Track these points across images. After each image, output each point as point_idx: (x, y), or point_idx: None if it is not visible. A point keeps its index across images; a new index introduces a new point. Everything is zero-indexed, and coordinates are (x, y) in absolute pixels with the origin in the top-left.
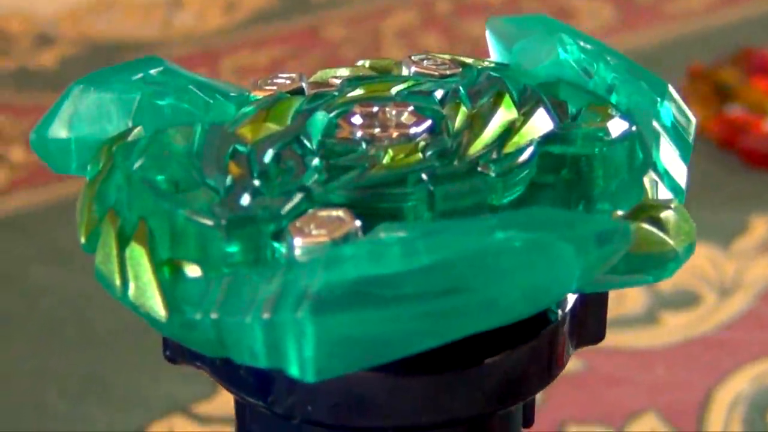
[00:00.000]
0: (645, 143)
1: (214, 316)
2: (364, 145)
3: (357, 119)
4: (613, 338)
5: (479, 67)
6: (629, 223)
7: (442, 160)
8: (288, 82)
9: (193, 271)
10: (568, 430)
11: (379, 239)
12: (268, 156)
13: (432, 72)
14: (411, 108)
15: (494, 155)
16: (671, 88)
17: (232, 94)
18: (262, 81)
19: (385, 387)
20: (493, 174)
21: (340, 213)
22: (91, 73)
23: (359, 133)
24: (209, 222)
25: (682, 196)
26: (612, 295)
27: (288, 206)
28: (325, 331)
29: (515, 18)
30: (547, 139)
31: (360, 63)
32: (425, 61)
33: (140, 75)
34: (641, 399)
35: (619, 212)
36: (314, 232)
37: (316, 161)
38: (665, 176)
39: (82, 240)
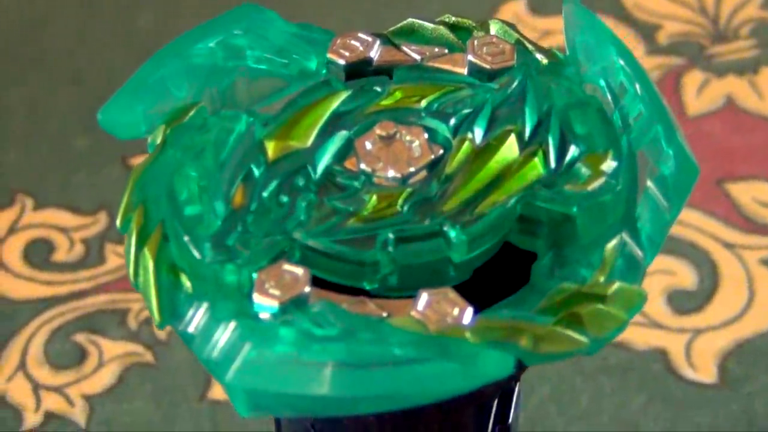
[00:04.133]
0: (631, 201)
1: (191, 330)
2: (362, 180)
3: (370, 144)
4: None
5: (532, 63)
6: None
7: (415, 216)
8: (361, 48)
9: (187, 284)
10: None
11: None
12: (268, 191)
13: (485, 65)
14: (425, 137)
15: (466, 217)
16: (681, 137)
17: (310, 51)
18: (341, 42)
19: None
20: (455, 241)
21: (300, 272)
22: (174, 40)
23: (362, 165)
24: (197, 255)
25: (653, 254)
26: None
27: (259, 260)
28: (249, 395)
29: (583, 10)
30: (527, 197)
31: (446, 18)
32: (485, 47)
33: (220, 38)
34: None
35: (548, 301)
36: (271, 291)
37: (304, 205)
38: (643, 231)
39: (118, 224)
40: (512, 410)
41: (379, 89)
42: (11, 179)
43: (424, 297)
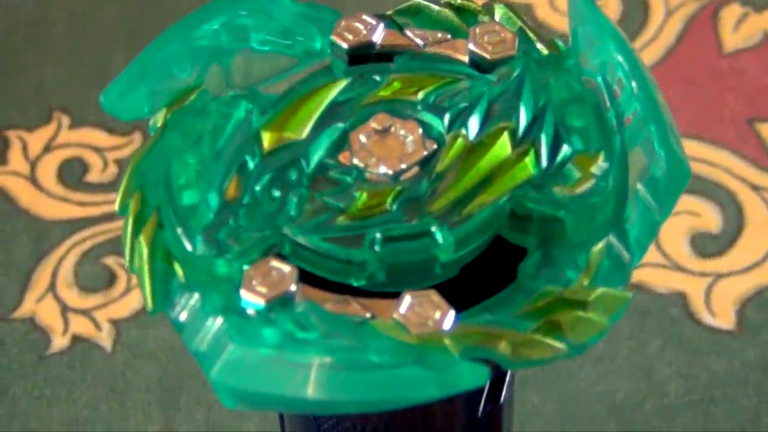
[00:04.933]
0: (620, 202)
1: (182, 319)
2: (354, 175)
3: (365, 137)
4: None
5: (532, 54)
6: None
7: (403, 215)
8: (364, 32)
9: (180, 272)
10: None
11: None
12: (261, 184)
13: (486, 54)
14: (420, 132)
15: (454, 217)
16: (674, 139)
17: (315, 32)
18: (345, 24)
19: None
20: (442, 242)
21: (287, 270)
22: (178, 22)
23: (355, 160)
24: (189, 247)
25: (641, 255)
26: None
27: (249, 255)
28: (232, 392)
29: (586, 1)
30: (516, 198)
31: (451, 0)
32: (486, 36)
33: (225, 19)
34: None
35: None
36: (258, 288)
37: (295, 201)
38: (631, 232)
39: (117, 208)
40: (504, 391)
41: (378, 78)
42: (49, 95)
43: (407, 299)
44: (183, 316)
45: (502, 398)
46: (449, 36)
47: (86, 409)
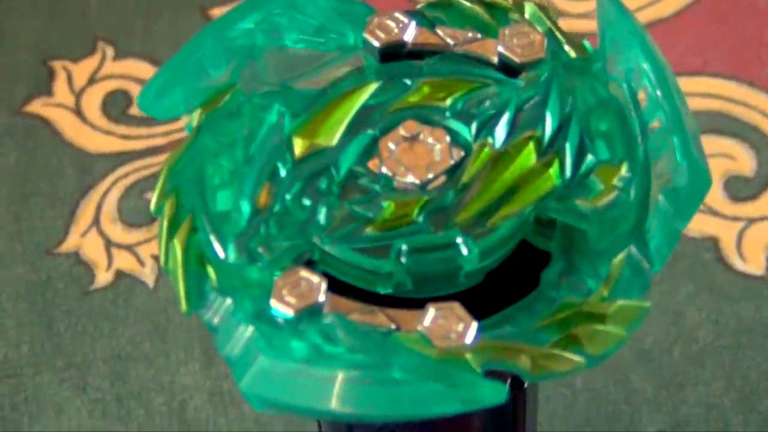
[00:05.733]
0: (642, 212)
1: (215, 322)
2: (382, 183)
3: (393, 144)
4: None
5: (560, 57)
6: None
7: (429, 226)
8: (396, 30)
9: (213, 276)
10: None
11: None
12: (291, 193)
13: (515, 57)
14: (447, 140)
15: (479, 229)
16: (696, 148)
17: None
18: (378, 21)
19: None
20: (467, 253)
21: (316, 280)
22: (214, 21)
23: (384, 169)
24: (221, 254)
25: (661, 263)
26: None
27: (280, 263)
28: (261, 401)
29: (616, 3)
30: (539, 209)
31: None
32: (515, 38)
33: (260, 18)
34: None
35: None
36: (287, 298)
37: (324, 210)
38: (651, 242)
39: (152, 208)
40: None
41: (408, 82)
42: (94, 26)
43: (431, 312)
44: (216, 320)
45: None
46: (479, 35)
47: (129, 345)
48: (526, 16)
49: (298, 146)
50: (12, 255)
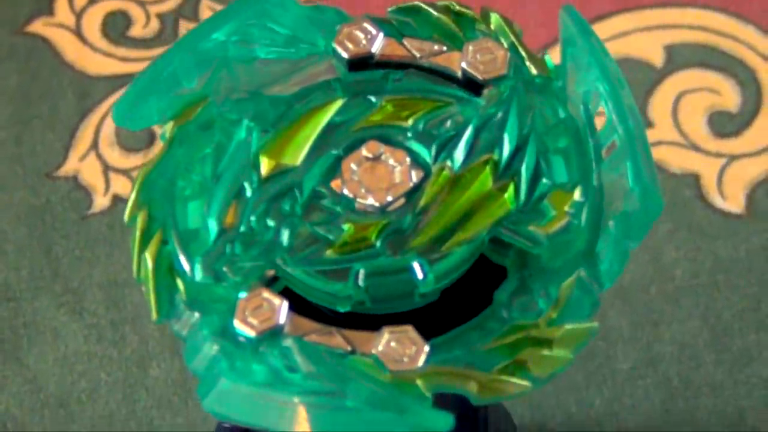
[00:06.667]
0: (593, 236)
1: (183, 333)
2: (344, 204)
3: (355, 165)
4: None
5: (521, 75)
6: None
7: (387, 250)
8: (364, 42)
9: (182, 288)
10: None
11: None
12: (256, 214)
13: (477, 74)
14: (408, 161)
15: (435, 254)
16: (648, 173)
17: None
18: (347, 31)
19: None
20: (423, 277)
21: (277, 302)
22: (187, 34)
23: (345, 191)
24: (188, 272)
25: (611, 283)
26: None
27: (244, 283)
28: (221, 417)
29: (578, 20)
30: (494, 233)
31: (450, 5)
32: (479, 54)
33: (232, 29)
34: None
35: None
36: (249, 319)
37: (288, 232)
38: (602, 264)
39: (126, 218)
40: None
41: (373, 99)
42: None
43: (385, 336)
44: (185, 331)
45: None
46: (444, 48)
47: (125, 271)
48: (492, 26)
49: (265, 166)
50: (13, 179)
